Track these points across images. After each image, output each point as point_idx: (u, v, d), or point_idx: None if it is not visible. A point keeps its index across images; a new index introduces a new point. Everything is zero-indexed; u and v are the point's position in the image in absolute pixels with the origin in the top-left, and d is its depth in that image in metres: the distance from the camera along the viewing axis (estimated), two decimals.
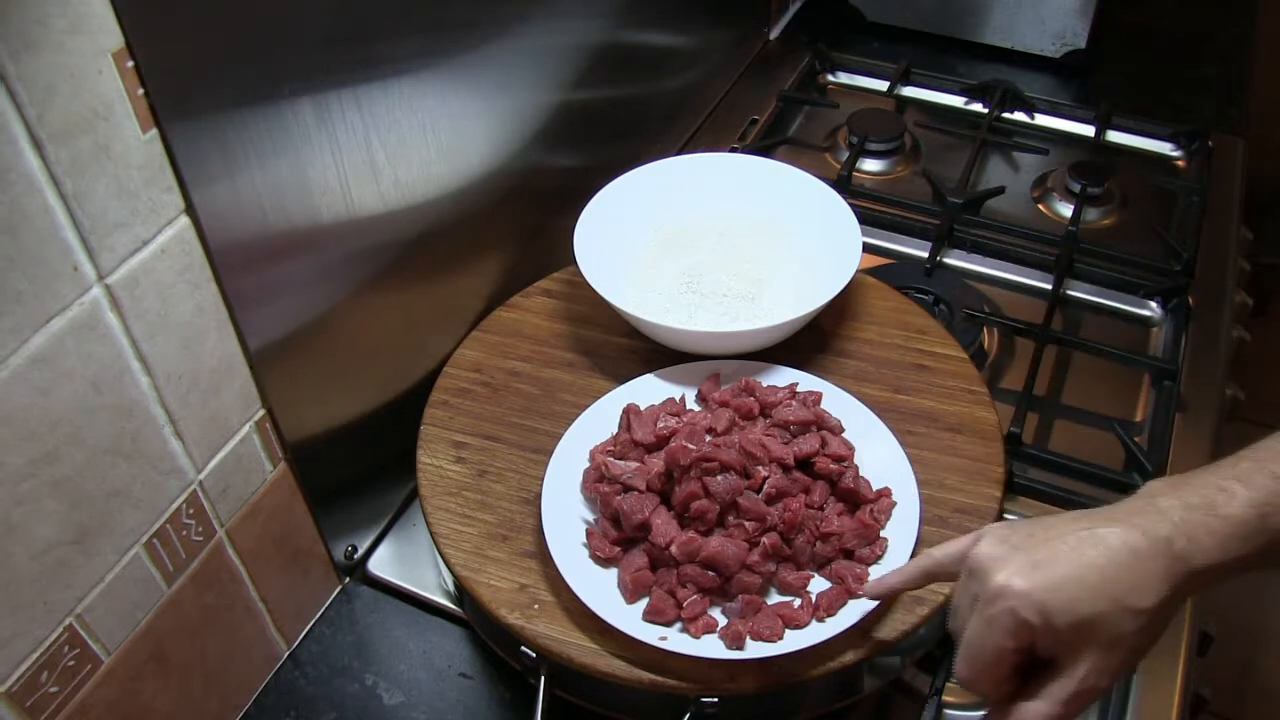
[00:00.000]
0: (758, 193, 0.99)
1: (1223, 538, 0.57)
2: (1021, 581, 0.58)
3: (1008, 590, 0.58)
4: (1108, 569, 0.58)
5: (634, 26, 1.10)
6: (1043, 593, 0.58)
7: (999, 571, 0.59)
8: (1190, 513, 0.58)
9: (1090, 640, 0.58)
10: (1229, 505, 0.57)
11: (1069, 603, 0.57)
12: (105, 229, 0.57)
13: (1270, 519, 0.57)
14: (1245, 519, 0.57)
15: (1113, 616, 0.57)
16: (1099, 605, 0.57)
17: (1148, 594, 0.57)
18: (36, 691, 0.61)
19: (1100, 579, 0.57)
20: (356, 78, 0.72)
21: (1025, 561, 0.59)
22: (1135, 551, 0.57)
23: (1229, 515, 0.57)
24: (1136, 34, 1.46)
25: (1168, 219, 1.19)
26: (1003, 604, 0.59)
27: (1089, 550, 0.58)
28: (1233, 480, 0.58)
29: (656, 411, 0.81)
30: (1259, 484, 0.58)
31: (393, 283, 0.83)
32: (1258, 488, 0.58)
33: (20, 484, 0.56)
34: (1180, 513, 0.58)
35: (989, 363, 1.03)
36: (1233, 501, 0.57)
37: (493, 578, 0.76)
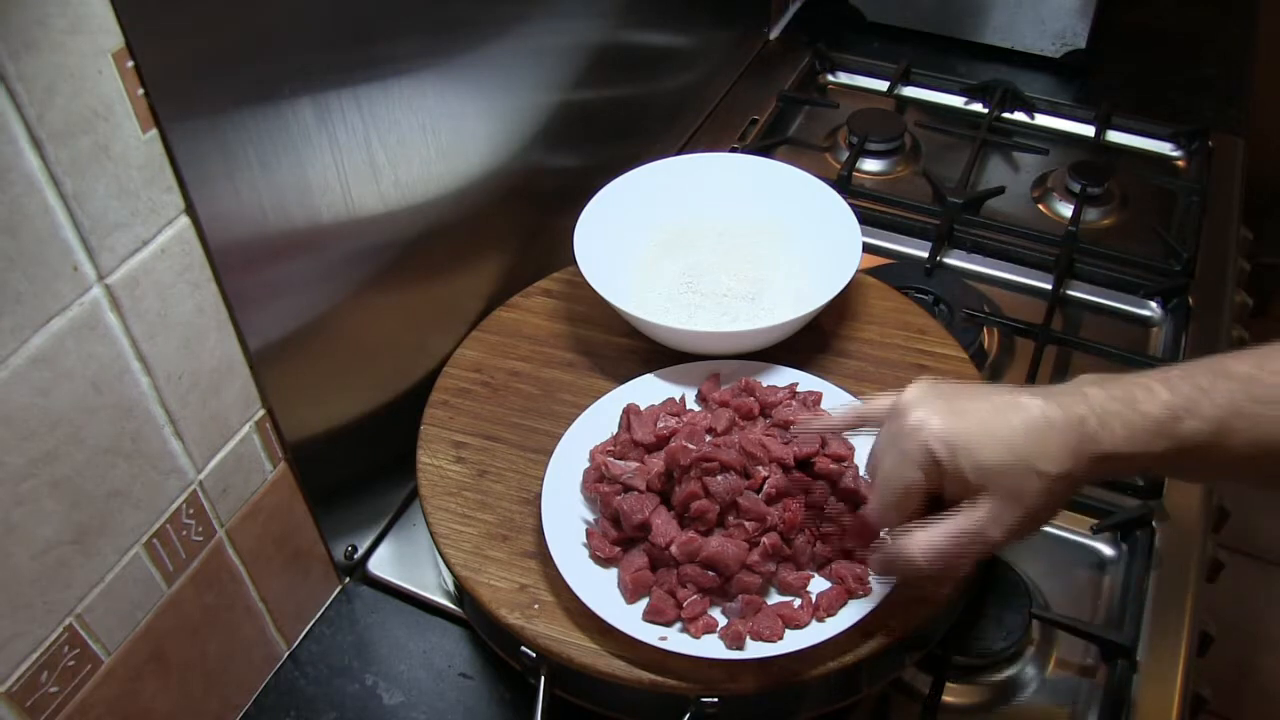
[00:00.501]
0: (758, 193, 0.99)
1: (1134, 429, 0.60)
2: (937, 421, 0.63)
3: (923, 425, 0.63)
4: (1019, 429, 0.61)
5: (634, 26, 1.10)
6: (953, 434, 0.62)
7: (918, 409, 0.64)
8: (1110, 402, 0.61)
9: (991, 488, 0.62)
10: (1147, 403, 0.60)
11: (977, 447, 0.61)
12: (105, 229, 0.57)
13: (1182, 423, 0.59)
14: (1159, 417, 0.59)
15: (1016, 471, 0.61)
16: (1004, 457, 0.61)
17: (1053, 461, 0.60)
18: (36, 691, 0.61)
19: (1010, 435, 0.61)
20: (356, 78, 0.72)
21: (945, 406, 0.64)
22: (1050, 422, 0.61)
23: (1145, 411, 0.60)
24: (1136, 34, 1.46)
25: (1168, 219, 1.19)
26: (916, 438, 0.63)
27: (1008, 411, 0.62)
28: (1159, 383, 0.61)
29: (656, 411, 0.81)
30: (1181, 390, 0.60)
31: (393, 283, 0.83)
32: (1178, 393, 0.60)
33: (20, 484, 0.56)
34: (1101, 400, 0.61)
35: (989, 363, 1.03)
36: (1152, 400, 0.60)
37: (493, 578, 0.76)
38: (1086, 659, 0.82)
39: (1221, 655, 0.94)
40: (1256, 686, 1.72)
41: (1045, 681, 0.81)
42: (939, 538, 0.63)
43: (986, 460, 0.61)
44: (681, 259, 0.98)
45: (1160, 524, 0.88)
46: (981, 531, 0.62)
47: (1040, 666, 0.82)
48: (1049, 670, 0.82)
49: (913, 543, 0.64)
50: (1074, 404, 0.61)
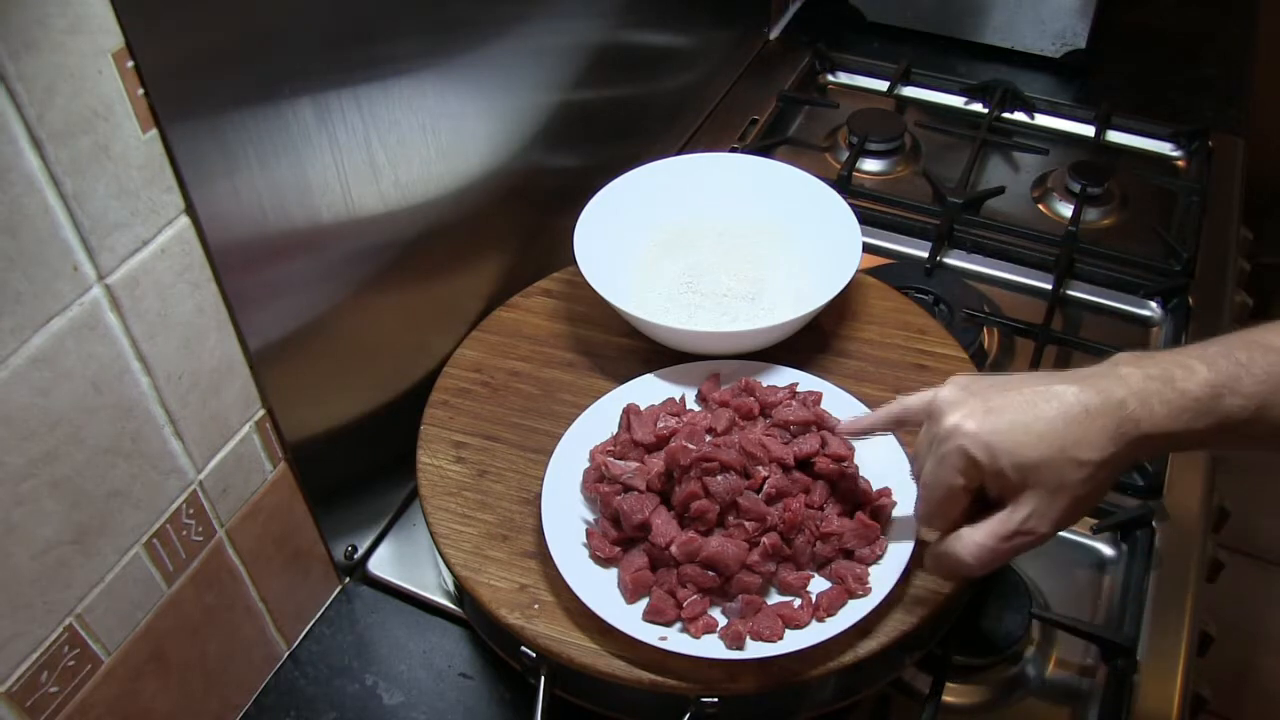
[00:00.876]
0: (758, 193, 0.99)
1: (1175, 409, 0.59)
2: (973, 423, 0.62)
3: (959, 430, 0.62)
4: (1057, 420, 0.60)
5: (634, 26, 1.10)
6: (990, 434, 0.61)
7: (954, 413, 0.63)
8: (1149, 382, 0.60)
9: (1034, 484, 0.61)
10: (1187, 380, 0.59)
11: (1015, 446, 0.61)
12: (105, 229, 0.57)
13: (1223, 400, 0.59)
14: (1199, 395, 0.59)
15: (1056, 464, 0.60)
16: (1044, 451, 0.60)
17: (1094, 448, 0.60)
18: (36, 691, 0.61)
19: (1048, 428, 0.60)
20: (356, 78, 0.72)
21: (979, 406, 0.63)
22: (1087, 408, 0.60)
23: (1185, 389, 0.59)
24: (1136, 34, 1.46)
25: (1168, 219, 1.19)
26: (953, 442, 0.63)
27: (1042, 403, 0.61)
28: (1197, 360, 0.60)
29: (656, 411, 0.81)
30: (1220, 366, 0.59)
31: (393, 283, 0.83)
32: (1218, 369, 0.59)
33: (20, 484, 0.56)
34: (1139, 381, 0.60)
35: (989, 363, 1.03)
36: (1191, 378, 0.59)
37: (493, 578, 0.76)
38: (1086, 659, 0.82)
39: (1221, 655, 0.94)
40: (1256, 686, 1.72)
41: (1045, 681, 0.81)
42: (987, 538, 0.63)
43: (1026, 458, 0.61)
44: (681, 259, 0.98)
45: (1160, 524, 0.88)
46: (1030, 529, 0.62)
47: (1040, 666, 0.82)
48: (1049, 670, 0.82)
49: (962, 544, 0.64)
50: (1111, 387, 0.60)
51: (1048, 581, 0.86)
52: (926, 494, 0.66)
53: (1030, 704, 0.80)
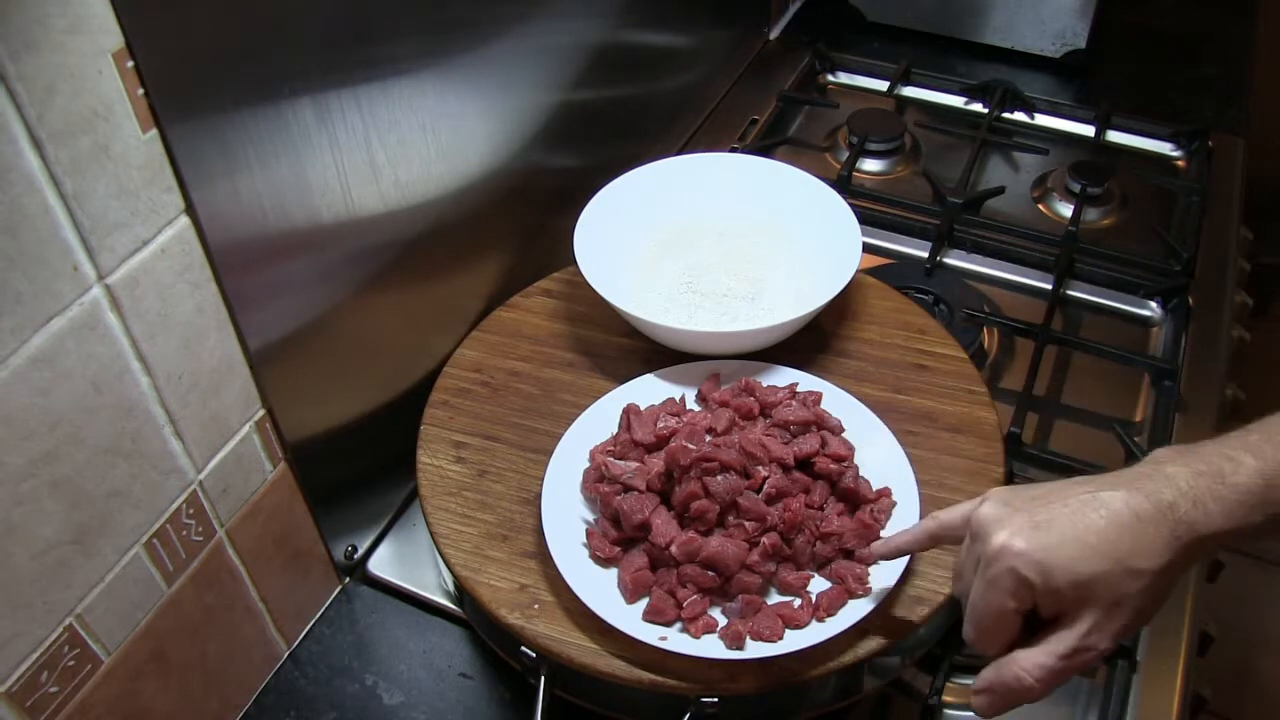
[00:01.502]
0: (758, 193, 0.99)
1: (1229, 505, 0.57)
2: (1021, 542, 0.59)
3: (1007, 550, 0.59)
4: (1108, 531, 0.58)
5: (634, 26, 1.10)
6: (1042, 552, 0.58)
7: (1000, 532, 0.60)
8: (1198, 479, 0.58)
9: (1091, 599, 0.58)
10: (1236, 474, 0.57)
11: (1068, 562, 0.58)
12: (105, 229, 0.57)
13: (1277, 490, 0.57)
14: (1252, 488, 0.57)
15: (1113, 577, 0.57)
16: (1099, 565, 0.57)
17: (1150, 556, 0.57)
18: (36, 691, 0.61)
19: (1100, 540, 0.58)
20: (356, 78, 0.72)
21: (1026, 522, 0.59)
22: (1138, 515, 0.58)
23: (1236, 484, 0.57)
24: (1136, 34, 1.46)
25: (1168, 219, 1.19)
26: (1003, 564, 0.59)
27: (1090, 513, 0.58)
28: (1241, 450, 0.58)
29: (656, 411, 0.81)
30: (1268, 455, 0.58)
31: (393, 283, 0.83)
32: (1266, 458, 0.58)
33: (20, 484, 0.56)
34: (1187, 479, 0.58)
35: (989, 363, 1.03)
36: (1240, 470, 0.58)
37: (493, 578, 0.76)
38: None
39: (1221, 655, 0.94)
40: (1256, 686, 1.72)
41: None
42: (1048, 658, 0.59)
43: (1081, 573, 0.57)
44: (681, 259, 0.98)
45: None
46: (1090, 645, 0.59)
47: None
48: None
49: (1020, 666, 0.60)
50: (1160, 489, 0.58)
51: None
52: (976, 618, 0.62)
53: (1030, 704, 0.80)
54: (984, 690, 0.62)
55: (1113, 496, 0.59)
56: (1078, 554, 0.58)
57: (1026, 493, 0.62)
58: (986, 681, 0.62)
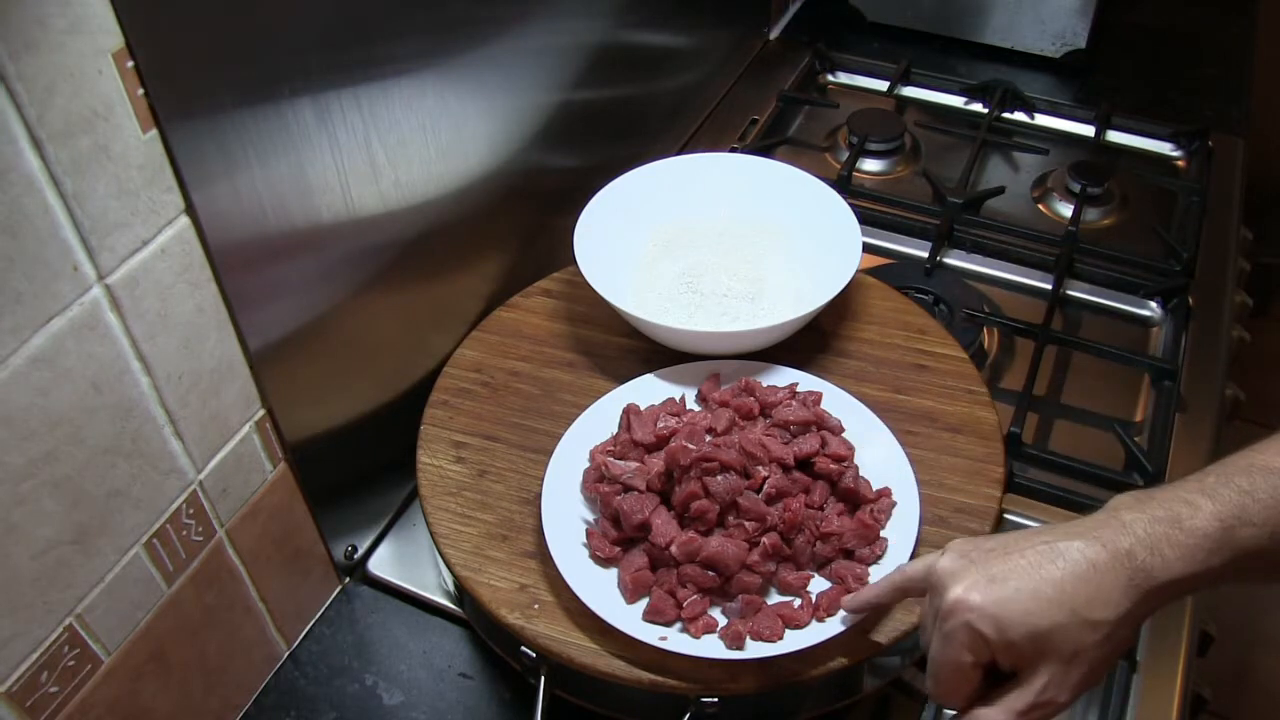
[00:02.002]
0: (758, 193, 0.99)
1: (1186, 550, 0.57)
2: (977, 596, 0.58)
3: (962, 604, 0.59)
4: (1065, 582, 0.57)
5: (634, 26, 1.10)
6: (996, 606, 0.58)
7: (955, 586, 0.59)
8: (1154, 525, 0.58)
9: (1048, 652, 0.58)
10: (1194, 518, 0.57)
11: (1023, 615, 0.57)
12: (105, 229, 0.57)
13: (1235, 532, 0.57)
14: (1209, 532, 0.57)
15: (1070, 629, 0.57)
16: (1055, 617, 0.57)
17: (1107, 606, 0.57)
18: (36, 691, 0.61)
19: (1057, 592, 0.57)
20: (356, 78, 0.72)
21: (981, 576, 0.59)
22: (1095, 565, 0.57)
23: (1193, 528, 0.57)
24: (1136, 34, 1.46)
25: (1168, 219, 1.19)
26: (958, 619, 0.59)
27: (1047, 564, 0.58)
28: (1198, 494, 0.58)
29: (656, 411, 0.81)
30: (1225, 498, 0.57)
31: (393, 283, 0.83)
32: (1223, 501, 0.57)
33: (20, 484, 0.56)
34: (1144, 526, 0.58)
35: (989, 363, 1.03)
36: (1198, 514, 0.57)
37: (493, 578, 0.76)
38: None
39: (1221, 655, 0.94)
40: (1256, 686, 1.72)
41: None
42: (1005, 715, 0.59)
43: (1037, 626, 0.57)
44: (681, 259, 0.98)
45: None
46: (1049, 700, 0.58)
47: None
48: None
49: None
50: (1116, 537, 0.58)
51: None
52: (934, 671, 0.62)
53: None
54: None
55: (1069, 547, 0.58)
56: (1034, 607, 0.57)
57: (985, 544, 0.61)
58: None
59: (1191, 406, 0.98)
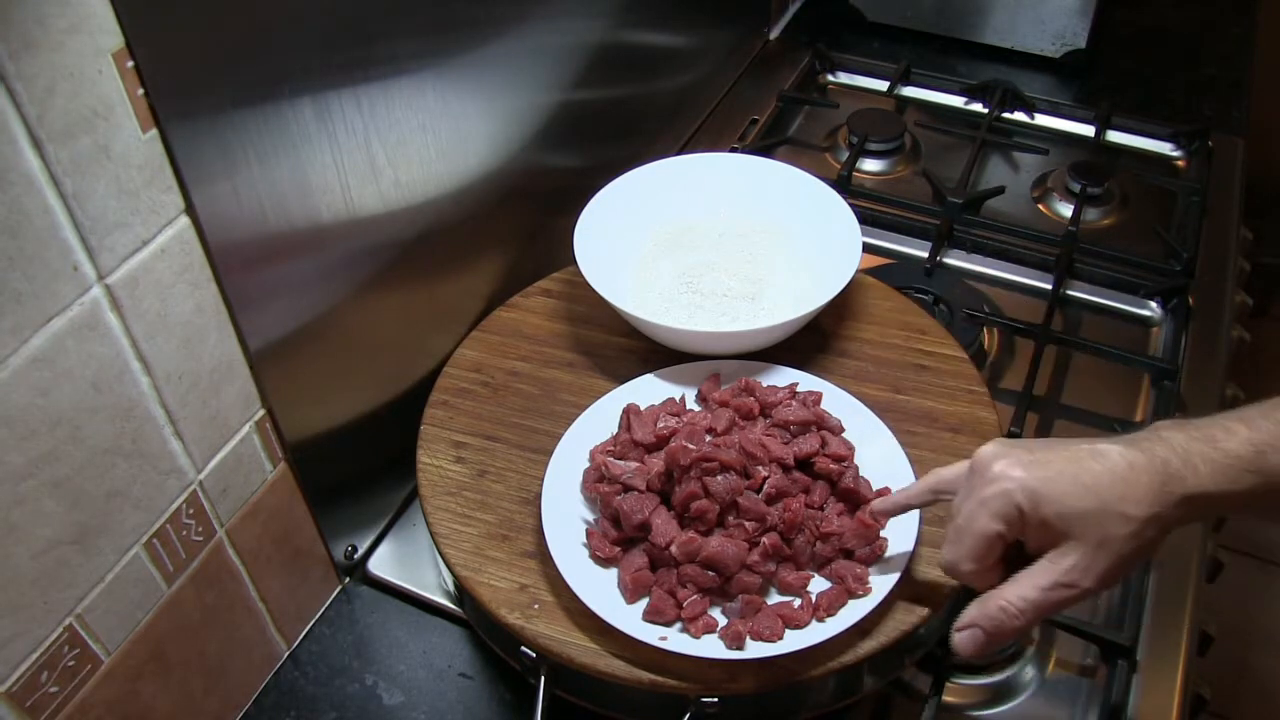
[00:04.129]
0: (758, 193, 0.99)
1: (1218, 468, 0.59)
2: (1019, 471, 0.61)
3: (1002, 475, 0.62)
4: (1102, 475, 0.60)
5: (634, 26, 1.10)
6: (1037, 481, 0.61)
7: (998, 462, 0.62)
8: (1191, 443, 0.60)
9: (1077, 535, 0.60)
10: (1229, 440, 0.60)
11: (1060, 495, 0.60)
12: (105, 229, 0.57)
13: (1267, 458, 0.59)
14: (1242, 454, 0.59)
15: (1102, 516, 0.59)
16: (1088, 502, 0.60)
17: (1139, 504, 0.59)
18: (36, 691, 0.61)
19: (1094, 481, 0.60)
20: (356, 78, 0.72)
21: (1024, 456, 0.62)
22: (1132, 465, 0.60)
23: (1228, 449, 0.59)
24: (1136, 34, 1.46)
25: (1168, 219, 1.19)
26: (996, 487, 0.62)
27: (1087, 459, 0.61)
28: (1236, 421, 0.61)
29: (656, 411, 0.81)
30: (1261, 426, 0.60)
31: (393, 283, 0.83)
32: (1259, 429, 0.60)
33: (20, 484, 0.56)
34: (1182, 441, 0.60)
35: (989, 363, 1.03)
36: (1233, 438, 0.60)
37: (493, 578, 0.76)
38: (1086, 659, 0.82)
39: (1221, 655, 0.94)
40: (1256, 686, 1.72)
41: (1045, 681, 0.81)
42: (1031, 591, 0.61)
43: (1072, 507, 0.60)
44: (681, 259, 0.98)
45: None
46: (1073, 581, 0.60)
47: (1040, 666, 0.82)
48: (1049, 670, 0.82)
49: (1005, 599, 0.62)
50: (1154, 446, 0.60)
51: None
52: (958, 537, 0.63)
53: (1030, 704, 0.80)
54: (967, 626, 0.64)
55: (1110, 448, 0.61)
56: (1070, 489, 0.60)
57: (1027, 440, 0.65)
58: (969, 618, 0.64)
59: (1191, 407, 0.98)
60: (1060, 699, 0.80)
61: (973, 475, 0.64)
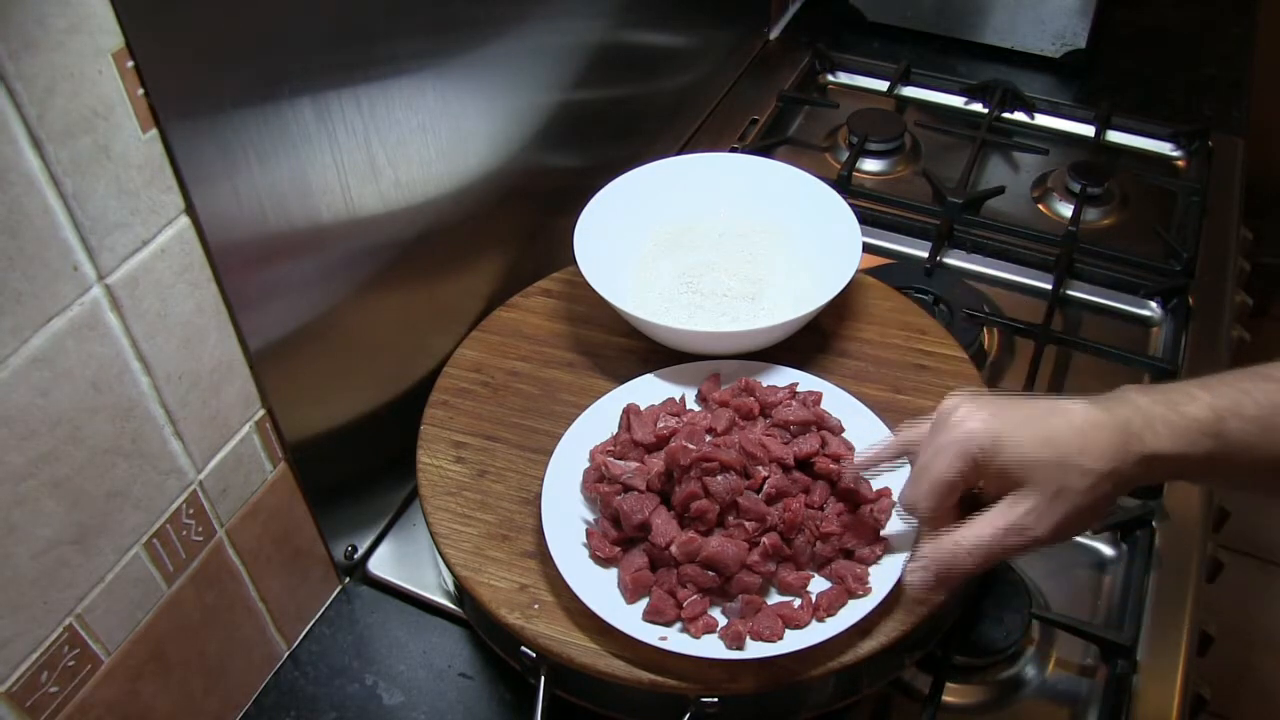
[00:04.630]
0: (758, 193, 0.99)
1: (1178, 430, 0.60)
2: (977, 421, 0.63)
3: (962, 423, 0.63)
4: (1062, 429, 0.61)
5: (634, 26, 1.10)
6: (993, 431, 0.62)
7: (958, 410, 0.64)
8: (1154, 405, 0.62)
9: (1033, 482, 0.61)
10: (1190, 405, 0.61)
11: (1018, 443, 0.61)
12: (105, 229, 0.57)
13: (1226, 423, 0.60)
14: (1202, 419, 0.60)
15: (1060, 467, 0.61)
16: (1046, 453, 0.61)
17: (1098, 460, 0.60)
18: (36, 691, 0.61)
19: (1053, 434, 0.61)
20: (356, 78, 0.72)
21: (987, 405, 0.64)
22: (1093, 422, 0.61)
23: (1188, 413, 0.61)
24: (1136, 34, 1.46)
25: (1168, 219, 1.19)
26: (956, 432, 0.63)
27: (1049, 415, 0.62)
28: (1199, 388, 0.62)
29: (656, 411, 0.81)
30: (1224, 394, 0.61)
31: (393, 283, 0.83)
32: (1220, 395, 0.61)
33: (20, 484, 0.56)
34: (1145, 404, 0.62)
35: (989, 363, 1.03)
36: (1194, 403, 0.61)
37: (493, 578, 0.76)
38: (1086, 659, 0.82)
39: (1221, 655, 0.94)
40: (1256, 686, 1.72)
41: (1045, 681, 0.81)
42: (986, 531, 0.62)
43: (1029, 454, 0.61)
44: (681, 259, 0.98)
45: (1160, 524, 0.88)
46: (1026, 526, 0.61)
47: (1040, 666, 0.82)
48: (1049, 670, 0.82)
49: (957, 539, 0.63)
50: (1117, 407, 0.62)
51: (1048, 582, 0.86)
52: (917, 478, 0.66)
53: (1030, 704, 0.80)
54: (919, 563, 0.65)
55: (1073, 405, 0.63)
56: (1029, 439, 0.61)
57: (992, 395, 0.66)
58: (923, 554, 0.65)
59: None
60: (1060, 699, 0.80)
61: (936, 423, 0.65)
